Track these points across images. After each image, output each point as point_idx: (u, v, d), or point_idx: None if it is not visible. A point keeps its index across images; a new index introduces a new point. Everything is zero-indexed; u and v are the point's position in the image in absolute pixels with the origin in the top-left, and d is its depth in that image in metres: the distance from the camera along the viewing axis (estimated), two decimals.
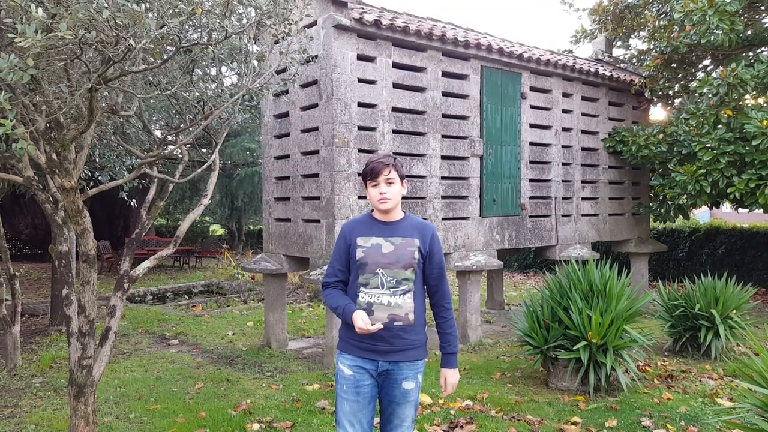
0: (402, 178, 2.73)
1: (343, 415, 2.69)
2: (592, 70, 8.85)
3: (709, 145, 7.80)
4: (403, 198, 6.82)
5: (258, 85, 4.34)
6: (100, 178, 7.38)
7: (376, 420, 3.19)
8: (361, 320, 2.56)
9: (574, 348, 5.05)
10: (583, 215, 9.02)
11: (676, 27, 8.63)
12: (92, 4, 2.59)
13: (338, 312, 2.68)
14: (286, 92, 6.96)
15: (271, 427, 4.46)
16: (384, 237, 2.71)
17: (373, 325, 2.56)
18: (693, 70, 9.87)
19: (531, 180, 8.22)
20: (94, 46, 2.92)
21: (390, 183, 2.67)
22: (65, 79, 3.25)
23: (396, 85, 6.80)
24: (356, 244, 2.71)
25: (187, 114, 4.69)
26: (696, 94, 8.77)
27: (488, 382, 5.67)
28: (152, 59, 3.37)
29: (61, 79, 3.31)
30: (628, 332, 5.26)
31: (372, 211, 2.81)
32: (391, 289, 2.65)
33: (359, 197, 6.44)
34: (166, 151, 4.46)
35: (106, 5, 2.67)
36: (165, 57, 3.26)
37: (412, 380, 2.71)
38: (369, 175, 2.68)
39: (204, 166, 4.68)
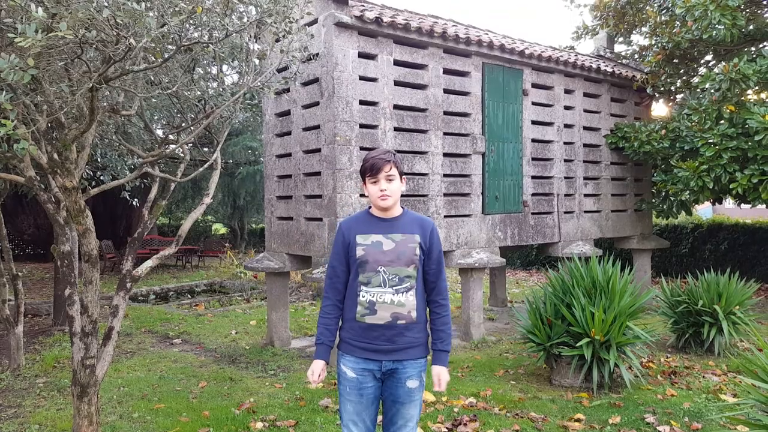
0: (401, 174, 2.70)
1: (347, 415, 2.69)
2: (594, 66, 8.83)
3: (711, 140, 7.77)
4: (405, 195, 6.85)
5: (259, 84, 4.34)
6: (102, 177, 7.39)
7: (380, 418, 3.20)
8: (310, 372, 2.71)
9: (578, 345, 5.05)
10: (585, 212, 9.00)
11: (678, 22, 8.60)
12: (92, 4, 2.58)
13: (316, 341, 2.78)
14: (288, 90, 6.96)
15: (275, 425, 4.46)
16: (384, 234, 2.66)
17: (318, 376, 2.71)
18: (695, 66, 9.85)
19: (533, 177, 8.20)
20: (94, 46, 2.92)
21: (390, 179, 2.63)
22: (66, 79, 3.24)
23: (397, 83, 6.79)
24: (356, 242, 2.66)
25: (189, 113, 4.69)
26: (698, 90, 8.74)
27: (491, 379, 5.67)
28: (153, 58, 3.36)
29: (62, 78, 3.31)
30: (631, 329, 5.25)
31: (370, 208, 2.77)
32: (394, 287, 2.61)
33: (361, 195, 6.44)
34: (168, 151, 4.45)
35: (106, 4, 2.66)
36: (166, 56, 3.25)
37: (416, 378, 2.68)
38: (369, 171, 2.63)
39: (206, 165, 4.67)
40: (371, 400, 2.69)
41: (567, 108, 8.67)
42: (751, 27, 8.81)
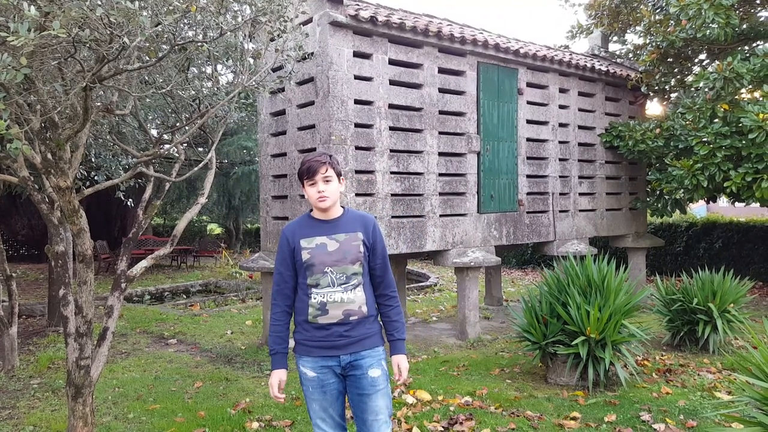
0: (339, 175, 2.73)
1: (314, 414, 2.75)
2: (589, 65, 8.85)
3: (705, 139, 7.80)
4: (401, 195, 6.85)
5: (254, 83, 4.32)
6: (96, 177, 7.36)
7: (349, 414, 3.25)
8: (271, 389, 2.76)
9: (573, 343, 5.06)
10: (580, 210, 9.02)
11: (672, 21, 8.63)
12: (86, 2, 2.57)
13: (270, 351, 2.80)
14: (283, 90, 6.94)
15: (271, 425, 4.45)
16: (327, 236, 2.70)
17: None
18: (689, 65, 9.88)
19: (528, 176, 8.21)
20: (88, 45, 2.90)
21: (327, 181, 2.67)
22: (59, 78, 3.23)
23: (392, 82, 6.79)
24: (300, 247, 2.69)
25: (183, 112, 4.67)
26: (692, 89, 8.76)
27: (487, 378, 5.67)
28: (147, 57, 3.35)
29: (56, 78, 3.29)
30: (626, 327, 5.26)
31: (311, 211, 2.80)
32: (342, 286, 2.67)
33: (357, 194, 6.43)
34: (162, 150, 4.44)
35: (99, 3, 2.65)
36: (160, 55, 3.24)
37: (377, 367, 2.72)
38: (306, 174, 2.67)
39: (200, 165, 4.66)
40: (335, 395, 2.74)
41: (562, 107, 8.68)
42: (744, 26, 8.84)
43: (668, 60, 9.32)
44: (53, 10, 2.58)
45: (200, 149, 13.43)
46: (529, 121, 8.20)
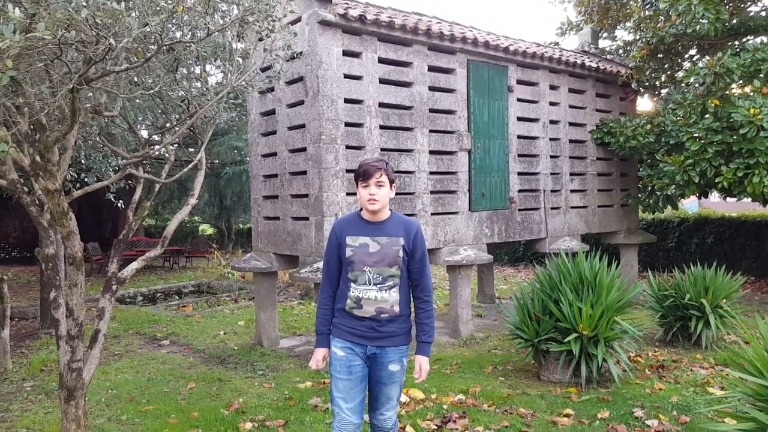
0: (392, 182, 2.95)
1: (338, 394, 2.95)
2: (579, 62, 8.86)
3: (696, 134, 7.83)
4: None
5: (243, 83, 4.30)
6: (86, 179, 7.30)
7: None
8: (314, 360, 3.06)
9: (566, 340, 5.07)
10: (572, 207, 9.05)
11: (662, 17, 8.67)
12: (71, 4, 2.55)
13: (316, 331, 3.08)
14: (272, 89, 6.92)
15: (264, 425, 4.44)
16: (371, 237, 2.92)
17: (321, 362, 3.07)
18: (679, 60, 9.93)
19: (519, 173, 8.23)
20: (74, 46, 2.88)
21: (380, 185, 2.87)
22: (47, 80, 3.20)
23: (382, 81, 6.78)
24: (345, 243, 2.92)
25: (173, 113, 4.64)
26: (683, 84, 8.80)
27: (480, 376, 5.68)
28: (135, 58, 3.33)
29: (43, 80, 3.26)
30: (618, 323, 5.27)
31: (361, 210, 2.99)
32: (378, 285, 2.89)
33: (348, 194, 6.42)
34: (152, 151, 4.41)
35: (85, 4, 2.62)
36: (147, 56, 3.22)
37: (398, 363, 3.00)
38: (361, 176, 2.89)
39: (190, 165, 4.63)
40: (360, 378, 2.97)
41: (552, 104, 8.70)
42: (734, 21, 8.88)
43: (658, 56, 9.36)
44: (38, 11, 2.56)
45: (190, 150, 13.37)
46: (519, 119, 8.21)
